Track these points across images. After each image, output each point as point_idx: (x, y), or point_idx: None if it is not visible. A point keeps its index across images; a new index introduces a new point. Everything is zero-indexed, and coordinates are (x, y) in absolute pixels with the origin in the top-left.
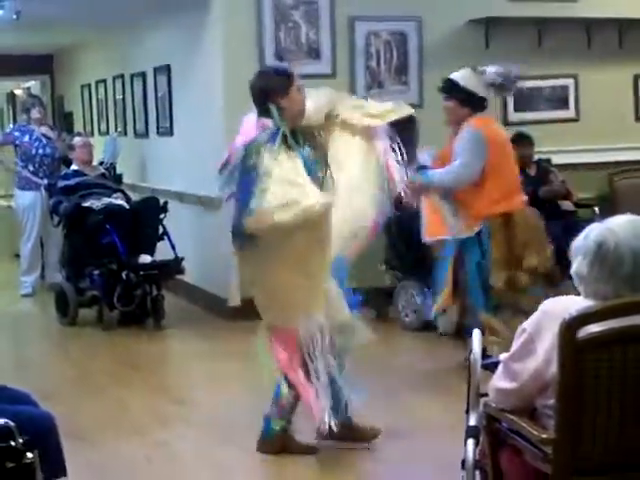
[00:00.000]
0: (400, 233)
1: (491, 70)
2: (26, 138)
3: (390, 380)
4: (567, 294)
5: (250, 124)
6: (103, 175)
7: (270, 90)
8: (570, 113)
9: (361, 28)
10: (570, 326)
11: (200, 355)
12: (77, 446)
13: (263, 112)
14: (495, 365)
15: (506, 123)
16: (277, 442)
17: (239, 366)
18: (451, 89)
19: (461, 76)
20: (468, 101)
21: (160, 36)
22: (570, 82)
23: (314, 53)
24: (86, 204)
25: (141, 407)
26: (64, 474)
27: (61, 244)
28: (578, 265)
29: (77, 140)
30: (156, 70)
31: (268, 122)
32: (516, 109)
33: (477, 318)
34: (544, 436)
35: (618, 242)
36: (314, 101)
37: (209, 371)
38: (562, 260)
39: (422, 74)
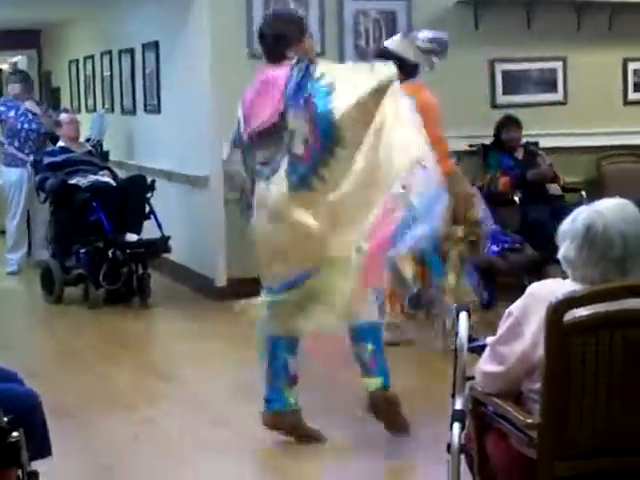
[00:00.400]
0: None
1: (425, 36)
2: (12, 113)
3: None
4: (554, 277)
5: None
6: (90, 152)
7: (287, 37)
8: (558, 96)
9: (350, 7)
10: (557, 310)
11: (186, 334)
12: (63, 424)
13: (277, 60)
14: (481, 348)
15: (494, 106)
16: (294, 416)
17: (225, 345)
18: (383, 56)
19: (392, 42)
20: (400, 67)
21: (149, 12)
22: (559, 65)
23: None
24: (72, 181)
25: (128, 385)
26: (49, 453)
27: (47, 221)
28: (566, 249)
29: (64, 116)
30: (144, 46)
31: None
32: (504, 92)
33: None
34: (529, 420)
35: (607, 225)
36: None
37: (195, 350)
38: (549, 244)
39: None
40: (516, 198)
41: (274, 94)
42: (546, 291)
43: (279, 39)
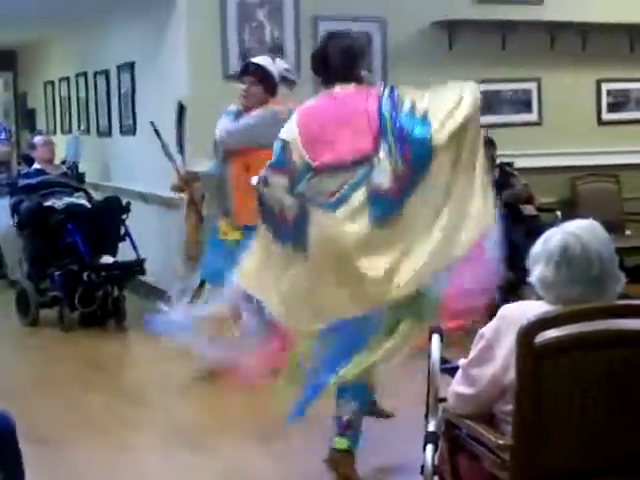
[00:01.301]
0: None
1: (281, 64)
2: None
3: None
4: (528, 298)
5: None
6: (65, 174)
7: (354, 52)
8: (533, 117)
9: (325, 27)
10: (528, 332)
11: (162, 357)
12: (37, 450)
13: (346, 79)
14: (454, 370)
15: None
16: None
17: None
18: (263, 74)
19: (268, 63)
20: (272, 89)
21: (124, 33)
22: (533, 85)
23: (278, 52)
24: (47, 203)
25: (102, 409)
26: (22, 479)
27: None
28: (542, 271)
29: (38, 139)
30: (119, 68)
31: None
32: None
33: None
34: (501, 442)
35: (584, 245)
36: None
37: (171, 373)
38: (524, 265)
39: (386, 75)
40: None
41: (364, 123)
42: (518, 313)
43: (347, 55)
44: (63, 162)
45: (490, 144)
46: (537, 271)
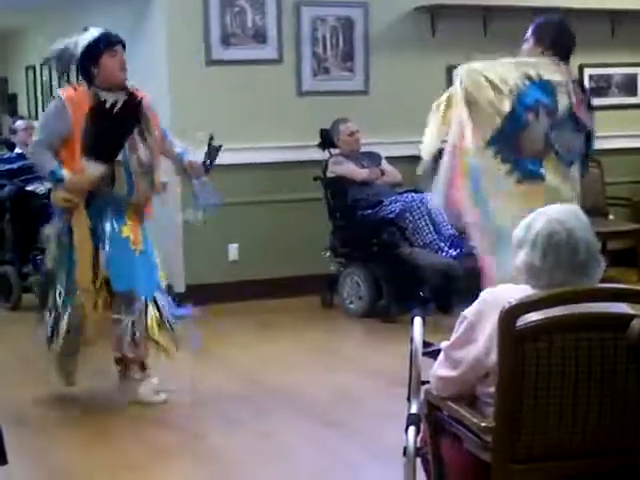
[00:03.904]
0: (343, 219)
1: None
2: None
3: (334, 366)
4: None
5: None
6: None
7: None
8: None
9: (307, 13)
10: (509, 314)
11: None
12: (19, 432)
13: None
14: (436, 353)
15: None
16: None
17: (180, 352)
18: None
19: None
20: None
21: (105, 19)
22: None
23: (260, 38)
24: (29, 188)
25: (84, 391)
26: (4, 462)
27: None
28: (527, 257)
29: (20, 123)
30: None
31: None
32: None
33: None
34: (483, 424)
35: (569, 231)
36: None
37: (153, 357)
38: None
39: (368, 61)
40: None
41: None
42: (500, 296)
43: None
44: None
45: None
46: (521, 256)
